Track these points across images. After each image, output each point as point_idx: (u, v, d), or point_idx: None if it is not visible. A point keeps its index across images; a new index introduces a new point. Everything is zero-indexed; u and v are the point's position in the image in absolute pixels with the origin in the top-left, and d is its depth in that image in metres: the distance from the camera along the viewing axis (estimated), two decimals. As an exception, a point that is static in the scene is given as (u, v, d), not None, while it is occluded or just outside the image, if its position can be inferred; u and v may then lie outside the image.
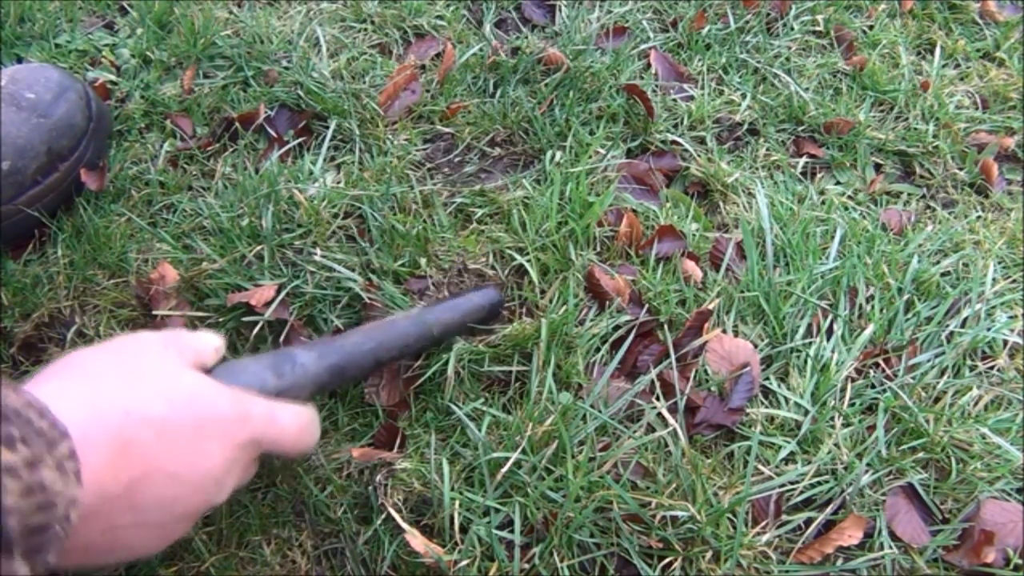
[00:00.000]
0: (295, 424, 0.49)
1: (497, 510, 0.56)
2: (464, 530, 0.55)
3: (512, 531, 0.55)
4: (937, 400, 0.66)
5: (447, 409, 0.61)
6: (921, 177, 0.86)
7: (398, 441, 0.60)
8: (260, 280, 0.66)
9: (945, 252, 0.77)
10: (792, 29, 0.95)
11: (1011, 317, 0.72)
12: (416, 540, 0.54)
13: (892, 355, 0.68)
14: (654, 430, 0.61)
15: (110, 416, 0.39)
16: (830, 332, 0.68)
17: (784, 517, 0.58)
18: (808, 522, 0.58)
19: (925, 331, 0.69)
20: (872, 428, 0.63)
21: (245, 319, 0.64)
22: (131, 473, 0.39)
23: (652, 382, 0.64)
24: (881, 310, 0.70)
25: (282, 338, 0.64)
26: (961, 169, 0.86)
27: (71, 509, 0.34)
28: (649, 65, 0.88)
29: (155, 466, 0.40)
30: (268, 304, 0.64)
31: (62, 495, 0.34)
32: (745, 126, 0.86)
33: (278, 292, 0.65)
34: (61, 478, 0.34)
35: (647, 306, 0.67)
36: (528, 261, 0.68)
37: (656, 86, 0.86)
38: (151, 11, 0.87)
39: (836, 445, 0.61)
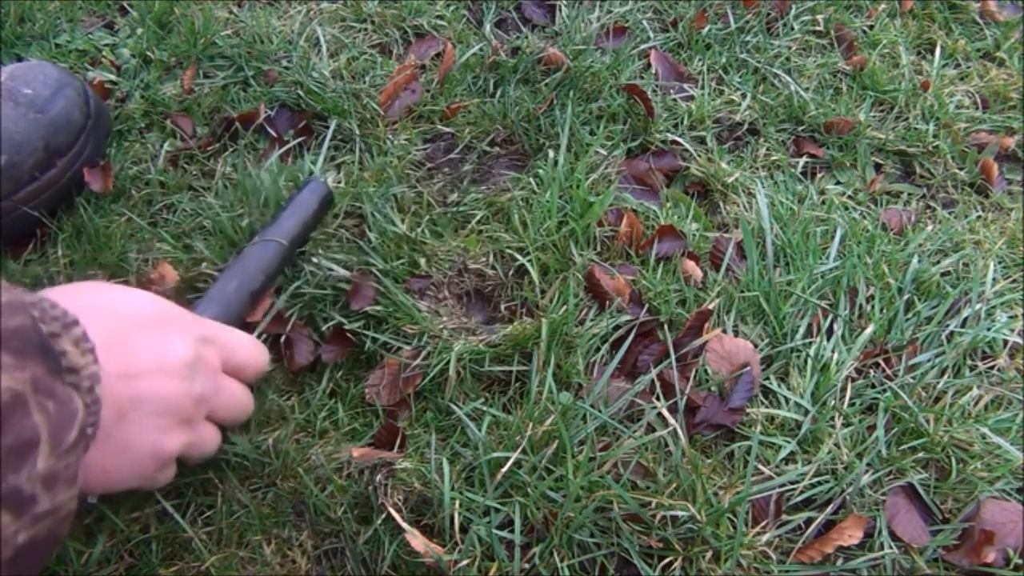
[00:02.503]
0: (246, 336, 0.56)
1: (497, 510, 0.56)
2: (464, 530, 0.55)
3: (512, 531, 0.55)
4: (937, 400, 0.66)
5: (447, 409, 0.61)
6: (921, 177, 0.86)
7: (398, 441, 0.60)
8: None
9: (945, 252, 0.77)
10: (792, 29, 0.95)
11: (1011, 317, 0.72)
12: (416, 540, 0.54)
13: (892, 355, 0.68)
14: (654, 430, 0.61)
15: (95, 312, 0.43)
16: (830, 332, 0.68)
17: (784, 517, 0.58)
18: (808, 522, 0.58)
19: (925, 331, 0.69)
20: (872, 428, 0.63)
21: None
22: (119, 356, 0.43)
23: (652, 382, 0.64)
24: (881, 310, 0.70)
25: (282, 338, 0.64)
26: (961, 169, 0.86)
27: (95, 384, 0.38)
28: (649, 65, 0.88)
29: (137, 353, 0.45)
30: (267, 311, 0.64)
31: (85, 369, 0.38)
32: (745, 126, 0.86)
33: (278, 293, 0.66)
34: (81, 354, 0.38)
35: (647, 306, 0.67)
36: (528, 261, 0.68)
37: (656, 86, 0.86)
38: (151, 11, 0.87)
39: (836, 445, 0.61)
